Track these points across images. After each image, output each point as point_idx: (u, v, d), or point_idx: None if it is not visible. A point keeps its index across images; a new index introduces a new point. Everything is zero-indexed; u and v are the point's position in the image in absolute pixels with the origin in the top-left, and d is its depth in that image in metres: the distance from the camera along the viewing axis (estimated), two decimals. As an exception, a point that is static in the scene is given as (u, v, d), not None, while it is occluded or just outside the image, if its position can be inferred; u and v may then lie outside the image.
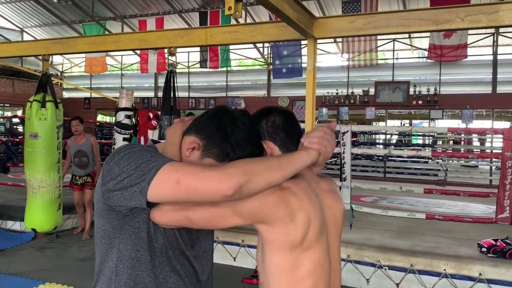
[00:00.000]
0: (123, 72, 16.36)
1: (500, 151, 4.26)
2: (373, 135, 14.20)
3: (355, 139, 11.74)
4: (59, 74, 16.89)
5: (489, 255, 4.01)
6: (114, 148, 5.20)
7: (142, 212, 1.16)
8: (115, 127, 5.23)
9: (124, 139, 5.17)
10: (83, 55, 14.94)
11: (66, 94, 17.13)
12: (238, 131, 1.20)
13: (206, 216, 1.15)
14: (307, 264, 1.17)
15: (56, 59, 16.66)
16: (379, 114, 13.09)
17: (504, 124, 12.52)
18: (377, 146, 14.37)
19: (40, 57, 4.36)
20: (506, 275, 3.71)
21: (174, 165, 1.08)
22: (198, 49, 13.39)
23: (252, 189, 1.08)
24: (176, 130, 1.25)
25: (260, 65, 14.63)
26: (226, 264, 4.52)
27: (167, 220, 1.17)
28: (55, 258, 4.94)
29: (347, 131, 4.90)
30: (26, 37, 16.02)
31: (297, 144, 1.29)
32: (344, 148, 4.91)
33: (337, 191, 1.38)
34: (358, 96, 12.60)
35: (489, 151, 11.63)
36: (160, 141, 1.33)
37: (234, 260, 4.58)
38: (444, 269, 3.85)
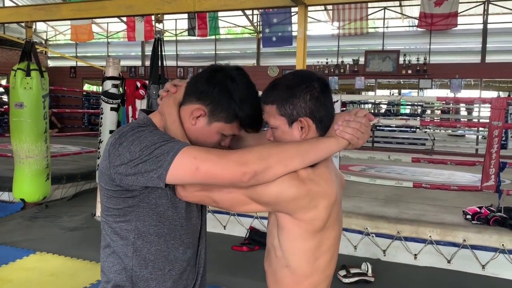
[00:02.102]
0: (109, 40, 16.02)
1: (487, 121, 4.30)
2: (362, 105, 14.22)
3: (344, 108, 11.74)
4: (43, 42, 16.48)
5: (474, 222, 4.11)
6: (101, 118, 5.15)
7: (157, 188, 1.15)
8: (102, 97, 5.16)
9: (112, 109, 5.11)
10: (68, 22, 14.56)
11: (51, 63, 16.78)
12: (240, 88, 1.18)
13: (228, 200, 1.15)
14: (327, 242, 1.18)
15: (40, 26, 16.21)
16: (368, 84, 13.08)
17: (491, 94, 12.61)
18: (366, 115, 14.40)
19: (23, 24, 4.24)
20: (489, 241, 3.81)
21: (191, 151, 1.08)
22: (185, 16, 13.12)
23: (269, 176, 1.08)
24: (171, 107, 1.21)
25: (249, 33, 14.42)
26: (216, 232, 4.58)
27: (193, 198, 1.17)
28: (45, 228, 4.95)
29: (337, 101, 4.90)
30: (8, 3, 15.53)
31: (331, 123, 1.20)
32: (333, 118, 4.89)
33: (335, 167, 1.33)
34: (348, 66, 12.54)
35: (476, 120, 11.76)
36: (151, 110, 1.30)
37: (224, 229, 4.63)
38: (430, 236, 3.94)
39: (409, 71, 11.89)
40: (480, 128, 10.30)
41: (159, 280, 1.20)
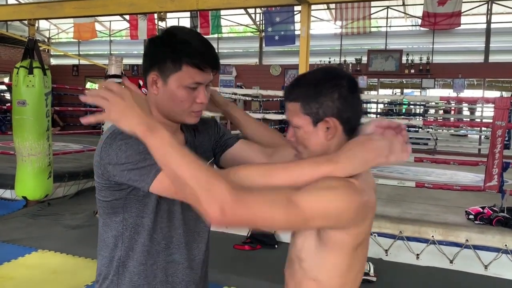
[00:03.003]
0: (112, 38, 16.02)
1: (490, 121, 4.28)
2: (365, 104, 14.19)
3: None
4: (46, 40, 16.50)
5: (476, 222, 4.09)
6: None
7: None
8: (104, 95, 5.16)
9: (114, 107, 5.11)
10: (71, 20, 14.57)
11: (54, 61, 16.80)
12: (176, 34, 1.17)
13: (283, 222, 0.96)
14: (362, 254, 1.11)
15: (43, 24, 16.23)
16: (371, 83, 13.05)
17: (494, 94, 12.57)
18: (369, 115, 14.39)
19: (26, 22, 4.24)
20: (492, 241, 3.80)
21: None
22: (188, 15, 13.11)
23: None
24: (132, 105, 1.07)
25: (252, 32, 14.40)
26: (218, 231, 4.58)
27: (236, 222, 1.05)
28: (47, 226, 4.95)
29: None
30: (11, 0, 15.55)
31: (357, 125, 1.10)
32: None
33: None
34: (350, 65, 12.52)
35: (479, 120, 11.72)
36: None
37: (226, 227, 4.63)
38: (432, 236, 3.92)
39: (412, 71, 11.86)
40: (483, 128, 10.27)
41: (141, 274, 1.21)
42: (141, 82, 5.21)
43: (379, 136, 1.03)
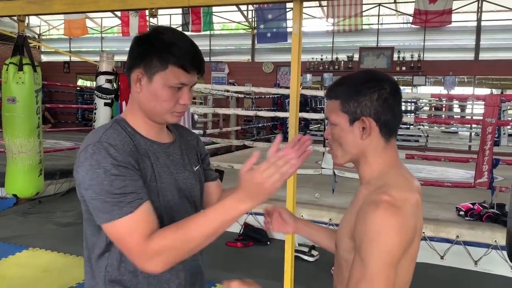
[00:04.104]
0: (103, 35, 15.91)
1: (480, 118, 4.32)
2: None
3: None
4: (36, 36, 16.34)
5: (467, 218, 4.13)
6: (95, 113, 5.11)
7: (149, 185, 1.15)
8: (95, 92, 5.12)
9: (105, 104, 5.07)
10: (62, 17, 14.44)
11: (44, 58, 16.64)
12: (164, 35, 1.17)
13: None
14: (411, 264, 1.12)
15: (33, 21, 16.07)
16: (363, 80, 13.08)
17: (484, 91, 12.65)
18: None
19: (15, 18, 4.19)
20: (482, 237, 3.84)
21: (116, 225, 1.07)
22: (180, 11, 13.05)
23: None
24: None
25: (244, 29, 14.37)
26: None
27: None
28: (38, 224, 4.92)
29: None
30: (0, -3, 15.37)
31: (397, 129, 1.12)
32: (328, 114, 4.90)
33: (407, 168, 1.23)
34: (342, 62, 12.54)
35: (469, 117, 11.81)
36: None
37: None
38: (423, 232, 3.95)
39: (403, 68, 11.92)
40: (473, 125, 10.35)
41: (130, 282, 1.17)
42: (132, 79, 5.19)
43: (264, 166, 0.99)
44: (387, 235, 0.95)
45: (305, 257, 4.02)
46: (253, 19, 13.56)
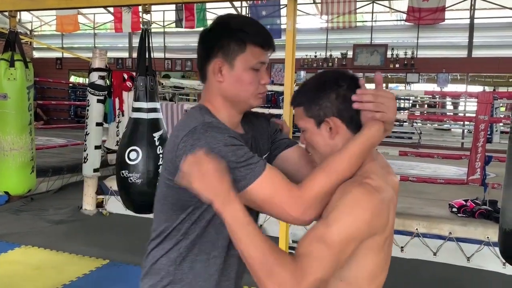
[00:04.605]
0: (96, 31, 15.80)
1: (473, 115, 4.34)
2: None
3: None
4: (28, 32, 16.19)
5: (459, 215, 4.16)
6: (88, 110, 5.08)
7: None
8: (88, 88, 5.10)
9: (98, 101, 5.04)
10: (54, 13, 14.31)
11: (36, 54, 16.51)
12: (234, 19, 1.20)
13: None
14: (386, 252, 1.11)
15: (25, 16, 15.92)
16: (356, 78, 13.09)
17: (477, 88, 12.73)
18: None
19: (7, 14, 4.14)
20: (474, 233, 3.86)
21: (269, 177, 1.07)
22: (173, 7, 12.98)
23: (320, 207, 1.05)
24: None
25: (237, 26, 14.33)
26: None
27: None
28: (31, 221, 4.89)
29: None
30: (-9, -8, 15.20)
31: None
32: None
33: (389, 164, 1.22)
34: (336, 59, 12.56)
35: (462, 114, 11.88)
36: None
37: None
38: (416, 229, 3.97)
39: (397, 65, 11.95)
40: (466, 122, 10.41)
41: (202, 264, 1.18)
42: (125, 75, 5.16)
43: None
44: (361, 209, 0.98)
45: (299, 254, 4.02)
46: (247, 15, 13.52)
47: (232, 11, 13.60)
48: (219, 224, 1.12)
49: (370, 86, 1.18)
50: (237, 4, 13.28)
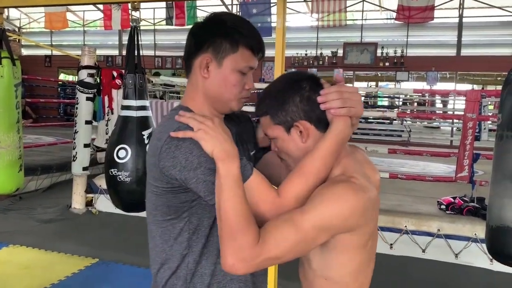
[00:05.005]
0: (86, 29, 15.67)
1: (462, 113, 4.37)
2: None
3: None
4: (16, 29, 16.01)
5: (448, 212, 4.20)
6: (77, 108, 5.04)
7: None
8: (77, 86, 5.06)
9: (87, 99, 5.01)
10: (42, 10, 14.17)
11: (25, 51, 16.32)
12: (229, 17, 1.16)
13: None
14: (370, 250, 1.13)
15: (13, 13, 15.74)
16: (346, 76, 13.14)
17: (466, 87, 12.85)
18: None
19: (-6, 11, 4.09)
20: (462, 230, 3.91)
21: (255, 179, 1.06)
22: (163, 5, 12.92)
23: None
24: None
25: (228, 23, 14.30)
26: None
27: None
28: (19, 220, 4.84)
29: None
30: (-21, -11, 14.99)
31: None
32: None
33: (370, 160, 1.23)
34: (326, 58, 12.58)
35: (451, 112, 11.97)
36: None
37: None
38: (405, 226, 4.00)
39: (387, 64, 12.01)
40: (455, 120, 10.50)
41: (212, 274, 1.13)
42: (115, 73, 5.13)
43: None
44: (339, 204, 0.98)
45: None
46: (237, 13, 13.49)
47: (223, 9, 13.56)
48: None
49: (361, 84, 1.18)
50: (227, 1, 13.24)
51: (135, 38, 2.76)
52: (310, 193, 1.04)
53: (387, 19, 13.42)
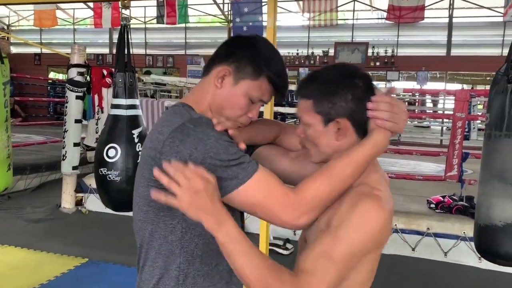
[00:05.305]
0: (76, 27, 15.55)
1: (451, 112, 4.41)
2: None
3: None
4: (5, 27, 15.84)
5: (437, 210, 4.23)
6: (66, 107, 5.00)
7: None
8: (67, 85, 5.02)
9: (77, 97, 4.97)
10: (32, 7, 14.04)
11: (14, 49, 16.15)
12: (264, 44, 1.14)
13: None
14: (379, 256, 1.08)
15: (2, 11, 15.57)
16: (338, 75, 13.19)
17: (456, 86, 12.96)
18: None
19: (-18, 8, 4.05)
20: (452, 229, 3.94)
21: (260, 181, 1.01)
22: (154, 3, 12.86)
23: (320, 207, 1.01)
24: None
25: (220, 22, 14.27)
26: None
27: None
28: (7, 220, 4.79)
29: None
30: (-33, -14, 14.82)
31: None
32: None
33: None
34: (318, 57, 12.62)
35: (441, 112, 12.06)
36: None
37: None
38: (395, 225, 4.03)
39: (377, 63, 12.08)
40: (445, 120, 10.57)
41: (206, 276, 1.10)
42: (105, 72, 5.10)
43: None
44: (370, 225, 0.95)
45: (280, 251, 4.04)
46: (229, 12, 13.48)
47: (215, 7, 13.55)
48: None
49: None
50: (219, 0, 13.22)
51: (126, 37, 2.74)
52: (330, 198, 1.01)
53: (378, 18, 13.48)
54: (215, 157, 0.98)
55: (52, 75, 15.98)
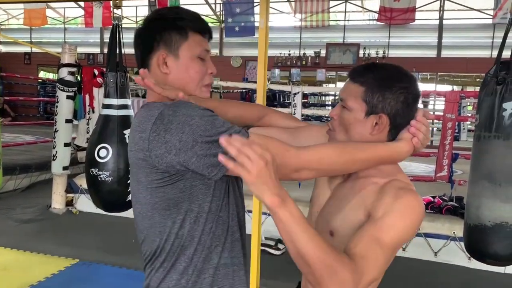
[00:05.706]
0: (67, 26, 15.44)
1: (442, 113, 4.45)
2: (323, 97, 14.40)
3: (306, 100, 11.87)
4: (-6, 26, 15.69)
5: (427, 211, 4.26)
6: (57, 107, 4.96)
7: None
8: (57, 84, 4.98)
9: (68, 97, 4.94)
10: (21, 6, 13.91)
11: (3, 48, 16.01)
12: (163, 11, 1.17)
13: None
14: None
15: (-9, 9, 15.42)
16: (329, 76, 13.24)
17: (446, 88, 13.06)
18: (327, 107, 14.63)
19: (-29, 6, 4.01)
20: (442, 229, 3.97)
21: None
22: (146, 3, 12.81)
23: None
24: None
25: (212, 22, 14.25)
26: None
27: None
28: (-3, 221, 4.75)
29: (298, 92, 4.94)
30: (-45, -16, 14.64)
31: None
32: (294, 109, 4.95)
33: None
34: (309, 58, 12.66)
35: (431, 113, 12.16)
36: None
37: None
38: (386, 225, 4.05)
39: (369, 64, 12.15)
40: (435, 121, 10.66)
41: (205, 259, 1.09)
42: (96, 71, 5.07)
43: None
44: (414, 215, 1.01)
45: (272, 251, 4.05)
46: (221, 12, 13.47)
47: (206, 7, 13.52)
48: (223, 221, 1.09)
49: (343, 84, 1.16)
50: (211, 0, 13.20)
51: (117, 36, 2.74)
52: (329, 168, 1.05)
53: (369, 20, 13.55)
54: (204, 134, 0.96)
55: (42, 74, 15.84)
